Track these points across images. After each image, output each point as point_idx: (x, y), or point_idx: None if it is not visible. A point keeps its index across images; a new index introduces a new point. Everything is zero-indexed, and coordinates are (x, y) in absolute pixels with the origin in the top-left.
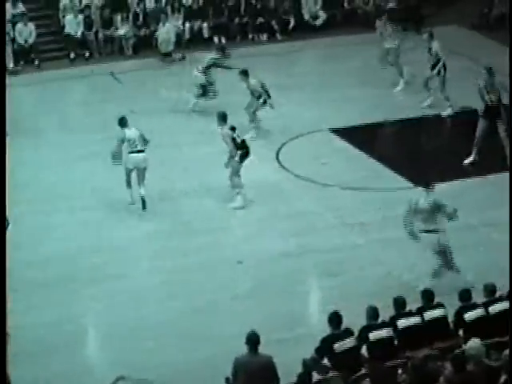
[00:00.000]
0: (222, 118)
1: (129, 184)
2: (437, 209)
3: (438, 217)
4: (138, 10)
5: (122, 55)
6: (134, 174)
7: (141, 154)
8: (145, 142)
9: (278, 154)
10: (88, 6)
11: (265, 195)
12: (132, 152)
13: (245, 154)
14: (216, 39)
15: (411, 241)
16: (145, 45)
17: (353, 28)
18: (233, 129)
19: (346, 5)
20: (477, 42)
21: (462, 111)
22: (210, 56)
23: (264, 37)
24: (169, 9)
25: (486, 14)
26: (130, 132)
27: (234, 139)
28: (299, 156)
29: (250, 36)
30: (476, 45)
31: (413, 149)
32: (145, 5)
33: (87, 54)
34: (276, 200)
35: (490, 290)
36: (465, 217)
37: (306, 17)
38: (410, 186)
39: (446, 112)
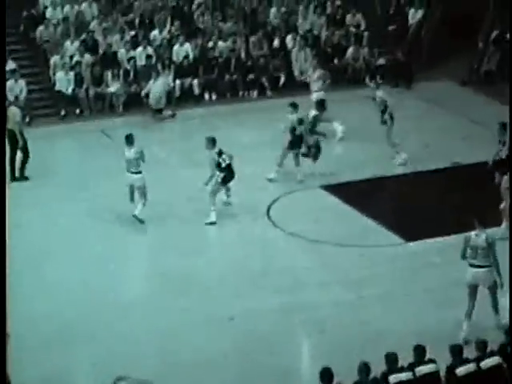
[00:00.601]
0: (212, 142)
1: (131, 199)
2: (491, 245)
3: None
4: (128, 67)
5: (113, 112)
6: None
7: (134, 175)
8: (138, 164)
9: (268, 210)
10: (79, 63)
11: (256, 251)
12: (128, 171)
13: (227, 178)
14: (206, 96)
15: (403, 296)
16: (135, 102)
17: (343, 84)
18: (220, 153)
19: (336, 61)
20: (466, 97)
21: (452, 166)
22: (311, 115)
23: (254, 93)
24: (159, 66)
25: (476, 70)
26: (128, 153)
27: (219, 163)
28: (290, 212)
29: (241, 93)
30: (466, 100)
31: (404, 205)
32: (135, 62)
33: (78, 111)
34: (267, 256)
35: (482, 345)
36: (457, 272)
37: (296, 73)
38: (401, 242)
39: (399, 160)
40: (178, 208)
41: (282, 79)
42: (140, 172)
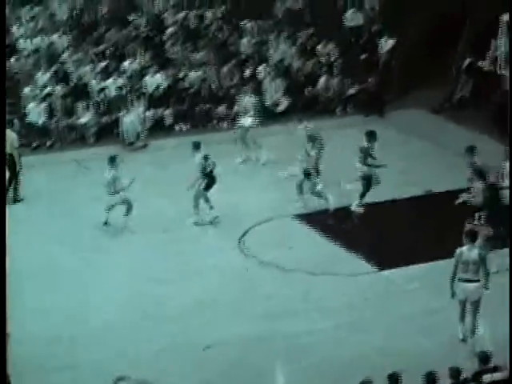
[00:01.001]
0: (196, 146)
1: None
2: (483, 260)
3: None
4: (99, 99)
5: (84, 143)
6: None
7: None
8: (114, 186)
9: (242, 240)
10: (50, 95)
11: (230, 280)
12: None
13: (209, 184)
14: (178, 127)
15: (378, 324)
16: (107, 133)
17: (314, 114)
18: (206, 158)
19: (307, 91)
20: (439, 125)
21: (425, 194)
22: (364, 146)
23: (225, 124)
24: (130, 96)
25: (448, 98)
26: (108, 174)
27: (204, 168)
28: (264, 241)
29: (213, 123)
30: (438, 128)
31: (377, 233)
32: (106, 93)
33: (49, 143)
34: (242, 286)
35: (455, 373)
36: (432, 299)
37: (268, 103)
38: (375, 270)
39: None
40: (152, 237)
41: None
42: (117, 193)
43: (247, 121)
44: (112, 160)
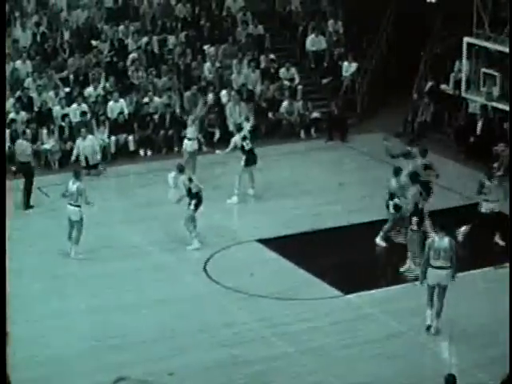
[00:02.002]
0: (180, 169)
1: (69, 237)
2: (453, 248)
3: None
4: (63, 124)
5: (48, 169)
6: None
7: (71, 207)
8: (81, 197)
9: (205, 266)
10: (14, 121)
11: (194, 306)
12: (68, 203)
13: (198, 203)
14: (142, 152)
15: (341, 349)
16: (71, 158)
17: (278, 138)
18: (190, 179)
19: (270, 115)
20: (401, 150)
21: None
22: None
23: None
24: (94, 122)
25: (411, 122)
26: (71, 185)
27: (189, 188)
28: (227, 267)
29: (176, 148)
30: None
31: (341, 257)
32: (70, 119)
33: (14, 169)
34: (206, 311)
35: None
36: (396, 323)
37: (231, 128)
38: (339, 295)
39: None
40: (115, 265)
41: (217, 134)
42: (78, 206)
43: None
44: (76, 174)
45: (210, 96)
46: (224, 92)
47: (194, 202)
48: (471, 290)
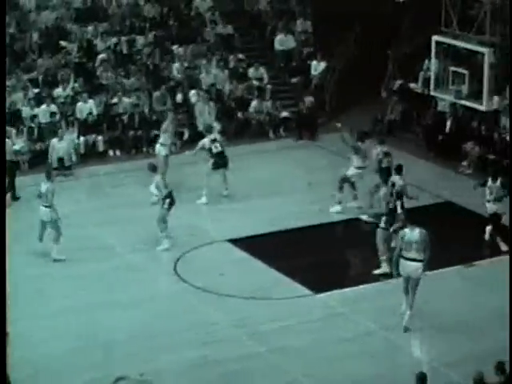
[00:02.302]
0: (153, 168)
1: (40, 238)
2: (425, 240)
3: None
4: (32, 125)
5: (18, 170)
6: None
7: (43, 208)
8: (48, 199)
9: (176, 266)
10: None
11: (165, 307)
12: (41, 205)
13: (172, 203)
14: (111, 152)
15: (313, 348)
16: (40, 159)
17: (247, 138)
18: (163, 178)
19: (239, 115)
20: (370, 148)
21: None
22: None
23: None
24: (63, 123)
25: (380, 120)
26: (43, 186)
27: (165, 187)
28: (198, 267)
29: (145, 149)
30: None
31: (312, 256)
32: (39, 119)
33: None
34: (176, 311)
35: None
36: (367, 322)
37: (200, 128)
38: (310, 294)
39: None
40: (87, 266)
41: (186, 134)
42: (50, 206)
43: None
44: (48, 175)
45: (179, 96)
46: (193, 92)
47: (167, 201)
48: (444, 288)
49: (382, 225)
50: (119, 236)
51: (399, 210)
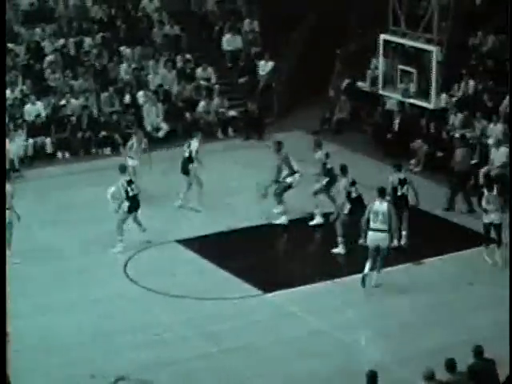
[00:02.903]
0: (123, 169)
1: None
2: (391, 212)
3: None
4: None
5: None
6: None
7: None
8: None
9: (126, 267)
10: None
11: (115, 308)
12: None
13: (134, 207)
14: (59, 154)
15: (263, 348)
16: None
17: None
18: (129, 182)
19: (187, 115)
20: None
21: (306, 217)
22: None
23: (107, 150)
24: (11, 125)
25: (328, 120)
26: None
27: (126, 191)
28: (148, 268)
29: (94, 150)
30: None
31: (261, 256)
32: None
33: None
34: (127, 313)
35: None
36: (316, 320)
37: (148, 129)
38: (259, 294)
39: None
40: (37, 268)
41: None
42: (8, 208)
43: None
44: (8, 176)
45: (127, 97)
46: (141, 93)
47: (127, 204)
48: (392, 286)
49: (346, 211)
50: (69, 238)
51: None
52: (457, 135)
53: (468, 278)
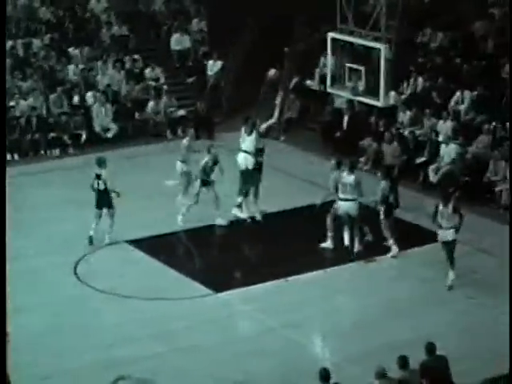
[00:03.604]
0: (98, 161)
1: None
2: (358, 184)
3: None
4: None
5: None
6: None
7: None
8: None
9: (76, 269)
10: None
11: (65, 310)
12: None
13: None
14: (8, 156)
15: (216, 347)
16: None
17: (145, 138)
18: (98, 176)
19: (136, 115)
20: (267, 146)
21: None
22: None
23: (56, 151)
24: None
25: (277, 119)
26: None
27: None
28: (98, 269)
29: (42, 151)
30: (267, 148)
31: (212, 256)
32: None
33: None
34: (77, 314)
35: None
36: (269, 320)
37: (98, 129)
38: (211, 293)
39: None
40: None
41: (84, 136)
42: None
43: None
44: None
45: (76, 98)
46: (89, 94)
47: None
48: (343, 285)
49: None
50: (20, 239)
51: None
52: (406, 132)
53: (420, 275)
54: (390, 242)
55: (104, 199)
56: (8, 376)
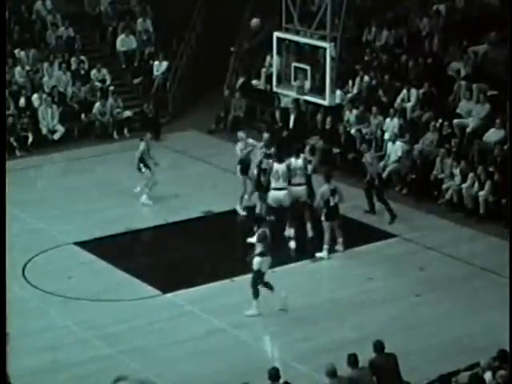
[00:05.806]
0: None
1: None
2: (306, 168)
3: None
4: None
5: None
6: None
7: None
8: None
9: (24, 271)
10: None
11: (12, 312)
12: None
13: None
14: None
15: (162, 348)
16: None
17: (91, 140)
18: None
19: (83, 117)
20: (214, 146)
21: (204, 215)
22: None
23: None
24: None
25: (223, 118)
26: None
27: None
28: (46, 271)
29: None
30: (214, 148)
31: (159, 257)
32: None
33: None
34: (24, 316)
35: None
36: (216, 320)
37: (44, 131)
38: (158, 294)
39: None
40: None
41: (30, 138)
42: None
43: None
44: None
45: (22, 100)
46: (35, 95)
47: None
48: (291, 283)
49: (324, 218)
50: None
51: None
52: (353, 131)
53: (367, 273)
54: (325, 246)
55: None
56: (8, 376)
